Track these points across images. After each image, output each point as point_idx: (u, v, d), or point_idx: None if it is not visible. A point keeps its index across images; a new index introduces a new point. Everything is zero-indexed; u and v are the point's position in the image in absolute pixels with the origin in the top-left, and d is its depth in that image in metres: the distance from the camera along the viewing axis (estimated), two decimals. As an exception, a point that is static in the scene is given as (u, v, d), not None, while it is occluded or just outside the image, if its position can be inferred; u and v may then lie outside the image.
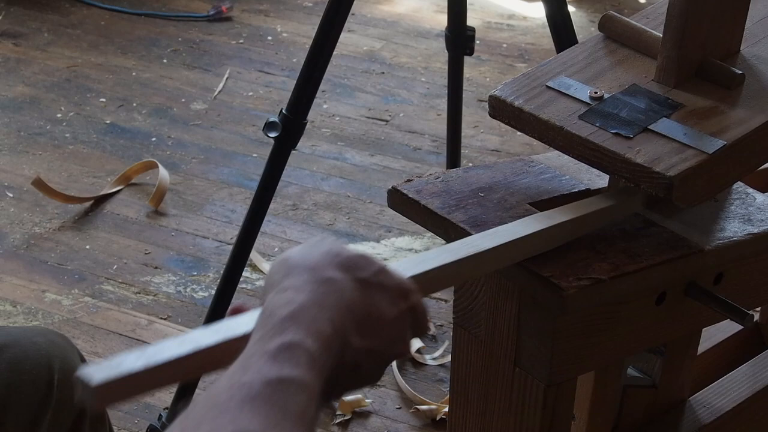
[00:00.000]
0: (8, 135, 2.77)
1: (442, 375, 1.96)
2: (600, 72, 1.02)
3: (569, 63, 1.03)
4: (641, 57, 1.03)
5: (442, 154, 2.64)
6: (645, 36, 1.03)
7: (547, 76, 1.02)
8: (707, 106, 0.97)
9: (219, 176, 2.61)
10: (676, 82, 0.99)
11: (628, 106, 0.97)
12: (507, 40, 3.39)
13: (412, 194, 0.99)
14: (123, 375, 0.62)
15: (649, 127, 0.94)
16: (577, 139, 0.95)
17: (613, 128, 0.94)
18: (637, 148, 0.92)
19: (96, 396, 0.61)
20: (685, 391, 1.16)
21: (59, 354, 1.07)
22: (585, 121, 0.96)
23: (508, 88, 1.01)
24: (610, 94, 0.98)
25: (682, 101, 0.97)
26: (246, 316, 0.70)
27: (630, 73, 1.01)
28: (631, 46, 1.04)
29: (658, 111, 0.96)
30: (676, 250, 0.94)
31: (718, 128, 0.94)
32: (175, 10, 3.52)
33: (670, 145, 0.92)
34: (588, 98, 0.98)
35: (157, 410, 1.85)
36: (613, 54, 1.04)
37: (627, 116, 0.96)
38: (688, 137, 0.93)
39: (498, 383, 1.00)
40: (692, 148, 0.92)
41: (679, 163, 0.90)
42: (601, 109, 0.97)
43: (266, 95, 3.01)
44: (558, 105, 0.98)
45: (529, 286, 0.90)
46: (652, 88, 0.99)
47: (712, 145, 0.92)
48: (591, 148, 0.94)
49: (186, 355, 0.66)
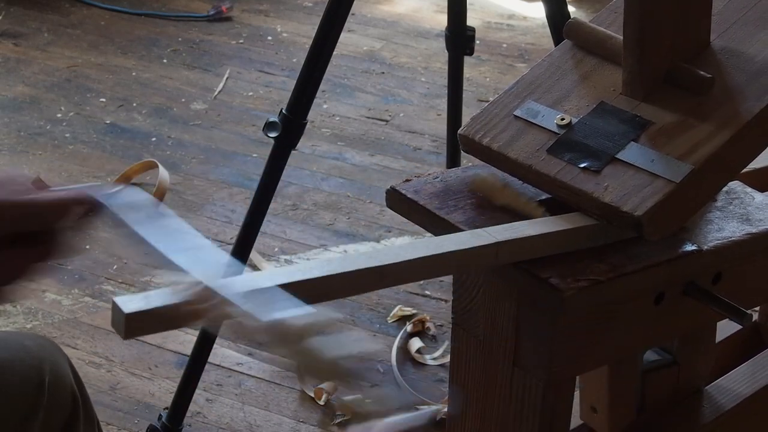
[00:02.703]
0: (8, 135, 2.77)
1: (442, 375, 1.96)
2: (567, 91, 1.01)
3: (536, 83, 1.02)
4: (609, 66, 1.02)
5: (442, 154, 2.64)
6: (610, 43, 1.01)
7: (515, 102, 1.01)
8: (676, 122, 0.95)
9: (219, 176, 2.61)
10: (644, 94, 0.98)
11: (596, 131, 0.96)
12: (507, 40, 3.39)
13: (410, 194, 0.99)
14: (153, 308, 0.68)
15: (618, 155, 0.94)
16: (546, 177, 0.95)
17: (582, 161, 0.94)
18: (605, 183, 0.92)
19: (126, 325, 0.67)
20: (705, 369, 1.15)
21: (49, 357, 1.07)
22: (553, 156, 0.95)
23: (477, 123, 1.00)
24: (578, 118, 0.98)
25: (650, 117, 0.96)
26: None
27: (597, 88, 1.00)
28: (598, 53, 1.03)
29: (627, 133, 0.95)
30: (674, 250, 0.94)
31: (687, 147, 0.93)
32: (175, 10, 3.52)
33: (638, 176, 0.92)
34: (555, 127, 0.98)
35: (157, 410, 1.85)
36: (580, 65, 1.03)
37: (595, 145, 0.95)
38: (656, 164, 0.92)
39: (497, 383, 1.00)
40: (660, 178, 0.91)
41: (647, 198, 0.90)
42: (568, 139, 0.96)
43: (266, 95, 3.01)
44: (526, 138, 0.98)
45: (528, 287, 0.90)
46: (621, 104, 0.98)
47: (679, 171, 0.91)
48: (560, 186, 0.94)
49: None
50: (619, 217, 0.90)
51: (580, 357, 0.96)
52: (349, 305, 2.15)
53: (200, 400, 1.89)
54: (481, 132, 0.99)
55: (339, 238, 2.37)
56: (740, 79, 0.98)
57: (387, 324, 2.11)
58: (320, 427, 1.86)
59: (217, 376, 1.96)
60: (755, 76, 0.97)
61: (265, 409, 1.89)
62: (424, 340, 2.06)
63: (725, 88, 0.97)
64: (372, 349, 0.77)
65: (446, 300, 2.14)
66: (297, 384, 1.95)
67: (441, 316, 2.12)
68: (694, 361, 1.13)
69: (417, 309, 2.14)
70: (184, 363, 1.75)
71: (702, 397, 1.16)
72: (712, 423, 1.14)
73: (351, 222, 2.43)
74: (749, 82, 0.97)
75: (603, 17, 1.06)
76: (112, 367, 1.97)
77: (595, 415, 1.09)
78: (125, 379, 1.95)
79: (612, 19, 1.05)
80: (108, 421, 1.83)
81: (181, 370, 1.80)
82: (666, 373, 1.12)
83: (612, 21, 1.05)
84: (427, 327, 2.09)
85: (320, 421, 1.87)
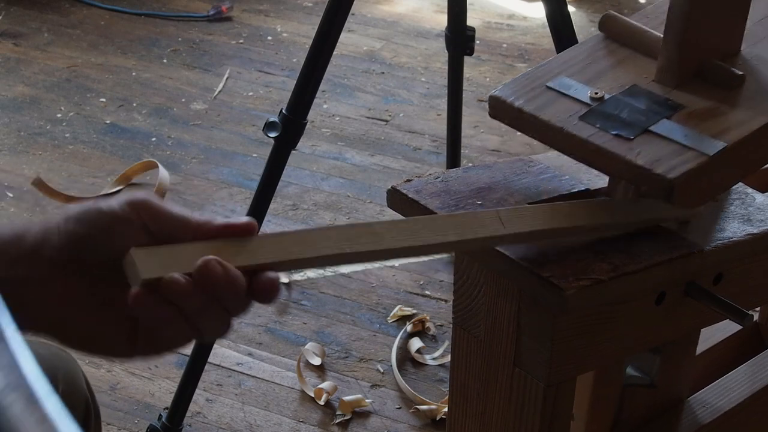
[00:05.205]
0: (8, 135, 2.77)
1: (442, 375, 1.96)
2: (600, 72, 1.02)
3: (569, 63, 1.03)
4: (641, 57, 1.03)
5: (442, 154, 2.64)
6: (645, 36, 1.03)
7: (547, 76, 1.02)
8: (707, 108, 0.97)
9: (219, 176, 2.61)
10: (676, 83, 0.99)
11: (629, 107, 0.97)
12: (507, 40, 3.39)
13: (411, 194, 0.99)
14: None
15: (650, 128, 0.94)
16: (578, 140, 0.94)
17: (614, 129, 0.94)
18: (637, 149, 0.92)
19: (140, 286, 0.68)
20: (684, 391, 1.16)
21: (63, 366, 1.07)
22: (585, 122, 0.96)
23: (508, 89, 1.00)
24: (610, 95, 0.98)
25: (682, 102, 0.97)
26: None
27: (630, 73, 1.01)
28: (632, 46, 1.04)
29: (659, 112, 0.96)
30: (675, 250, 0.94)
31: (718, 130, 0.94)
32: (175, 10, 3.52)
33: (670, 146, 0.92)
34: (588, 99, 0.98)
35: (157, 410, 1.85)
36: (614, 54, 1.04)
37: (627, 117, 0.96)
38: (689, 139, 0.93)
39: (497, 383, 1.00)
40: (693, 150, 0.92)
41: (679, 165, 0.90)
42: (601, 110, 0.97)
43: (266, 95, 3.01)
44: (558, 106, 0.98)
45: (529, 287, 0.90)
46: (653, 89, 0.99)
47: (712, 147, 0.92)
48: (591, 149, 0.94)
49: None
50: (651, 179, 0.90)
51: (580, 357, 0.96)
52: (349, 305, 2.15)
53: (200, 400, 1.89)
54: (513, 96, 0.99)
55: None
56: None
57: (387, 324, 2.11)
58: (320, 427, 1.86)
59: (217, 376, 1.96)
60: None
61: (265, 409, 1.89)
62: (424, 340, 2.06)
63: (755, 86, 0.99)
64: None
65: (446, 300, 2.14)
66: (297, 384, 1.95)
67: (441, 316, 2.12)
68: (673, 383, 1.13)
69: (417, 309, 2.14)
70: (184, 363, 1.75)
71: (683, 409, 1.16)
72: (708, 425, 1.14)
73: (351, 222, 2.43)
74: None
75: (636, 20, 1.07)
76: (112, 366, 1.97)
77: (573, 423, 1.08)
78: (125, 379, 1.95)
79: (644, 22, 1.05)
80: (108, 421, 1.83)
81: (181, 370, 1.80)
82: (643, 392, 1.12)
83: (644, 24, 1.06)
84: (427, 327, 2.09)
85: (320, 421, 1.87)
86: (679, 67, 0.98)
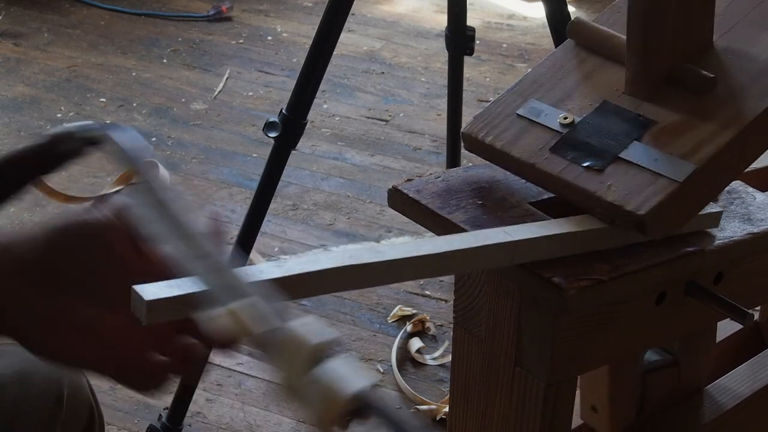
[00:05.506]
0: (8, 135, 2.77)
1: (442, 375, 1.96)
2: (570, 90, 1.01)
3: (539, 83, 1.02)
4: (612, 65, 1.01)
5: (442, 154, 2.64)
6: (613, 42, 1.01)
7: (518, 101, 1.01)
8: (678, 122, 0.95)
9: (219, 176, 2.61)
10: (646, 94, 0.97)
11: (599, 131, 0.96)
12: (507, 40, 3.39)
13: (412, 194, 0.99)
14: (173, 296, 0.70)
15: (621, 155, 0.94)
16: (549, 176, 0.95)
17: (585, 161, 0.94)
18: (608, 182, 0.92)
19: (147, 311, 0.69)
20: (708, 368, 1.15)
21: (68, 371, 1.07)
22: (556, 154, 0.95)
23: (480, 122, 1.00)
24: (580, 117, 0.98)
25: (653, 117, 0.96)
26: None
27: (600, 87, 1.00)
28: (602, 53, 1.03)
29: (629, 133, 0.95)
30: (675, 250, 0.94)
31: (689, 147, 0.93)
32: (175, 10, 3.52)
33: (640, 175, 0.92)
34: (559, 126, 0.98)
35: (157, 410, 1.85)
36: (583, 64, 1.03)
37: (597, 144, 0.95)
38: (659, 164, 0.92)
39: (498, 383, 1.00)
40: (663, 177, 0.91)
41: (650, 197, 0.90)
42: (571, 138, 0.96)
43: (266, 95, 3.01)
44: (529, 137, 0.97)
45: (530, 287, 0.90)
46: (624, 103, 0.98)
47: (682, 171, 0.91)
48: (563, 185, 0.94)
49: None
50: (622, 215, 0.90)
51: (581, 356, 0.96)
52: (349, 305, 2.15)
53: (200, 400, 1.89)
54: (485, 131, 0.99)
55: (339, 238, 2.37)
56: (743, 79, 0.98)
57: (387, 324, 2.11)
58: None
59: (217, 376, 1.96)
60: (758, 77, 0.97)
61: (265, 409, 1.89)
62: (424, 340, 2.06)
63: (728, 88, 0.97)
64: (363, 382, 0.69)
65: (446, 300, 2.14)
66: (297, 384, 1.94)
67: (441, 316, 2.12)
68: (694, 361, 1.13)
69: (417, 309, 2.14)
70: (185, 363, 1.75)
71: (702, 396, 1.16)
72: (712, 423, 1.14)
73: (351, 222, 2.43)
74: (752, 82, 0.97)
75: (606, 17, 1.06)
76: (112, 366, 1.97)
77: (596, 415, 1.09)
78: (125, 378, 1.95)
79: (615, 18, 1.04)
80: (108, 421, 1.83)
81: (181, 369, 1.80)
82: (666, 373, 1.12)
83: (615, 21, 1.05)
84: (427, 327, 2.09)
85: (320, 421, 1.87)
86: (646, 78, 0.97)
